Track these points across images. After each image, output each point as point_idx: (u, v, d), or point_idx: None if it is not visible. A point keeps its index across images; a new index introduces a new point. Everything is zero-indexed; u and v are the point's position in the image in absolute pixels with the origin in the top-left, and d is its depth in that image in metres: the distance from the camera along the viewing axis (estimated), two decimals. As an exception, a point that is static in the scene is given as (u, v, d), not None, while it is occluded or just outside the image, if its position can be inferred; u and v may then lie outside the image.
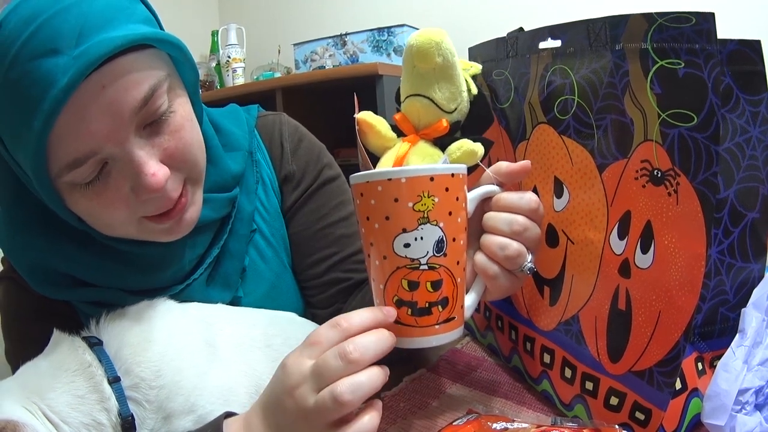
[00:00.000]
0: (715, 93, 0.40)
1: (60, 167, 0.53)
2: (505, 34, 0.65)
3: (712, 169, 0.40)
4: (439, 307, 0.49)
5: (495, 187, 0.55)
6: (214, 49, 2.58)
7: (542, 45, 0.58)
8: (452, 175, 0.49)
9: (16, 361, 0.58)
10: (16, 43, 0.50)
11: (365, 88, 1.68)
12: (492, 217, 0.54)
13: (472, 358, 0.72)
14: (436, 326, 0.50)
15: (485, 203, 0.55)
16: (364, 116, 0.59)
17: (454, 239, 0.49)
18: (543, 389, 0.59)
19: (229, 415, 0.53)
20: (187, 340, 0.63)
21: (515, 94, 0.62)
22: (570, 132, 0.53)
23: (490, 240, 0.53)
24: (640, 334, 0.46)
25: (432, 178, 0.48)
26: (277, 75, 2.22)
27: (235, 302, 0.72)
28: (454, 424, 0.50)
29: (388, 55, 1.89)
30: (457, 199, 0.50)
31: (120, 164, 0.55)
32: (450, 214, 0.49)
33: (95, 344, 0.58)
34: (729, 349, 0.43)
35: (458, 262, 0.50)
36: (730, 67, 0.42)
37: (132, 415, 0.56)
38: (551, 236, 0.56)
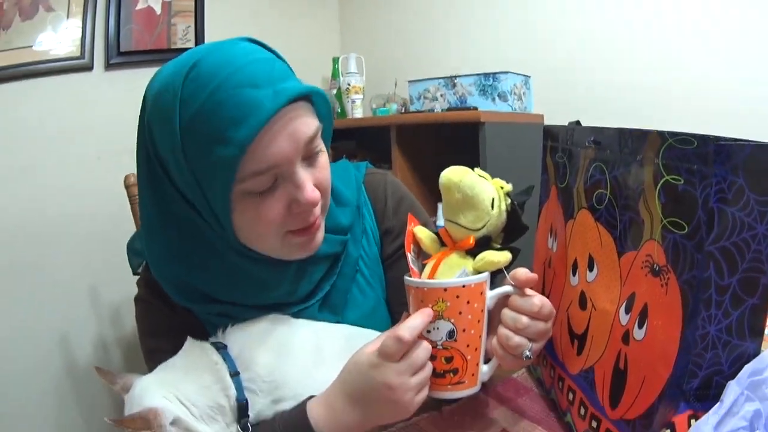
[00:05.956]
0: (704, 210, 0.46)
1: (246, 173, 0.67)
2: (570, 120, 0.77)
3: (693, 271, 0.48)
4: (451, 374, 0.68)
5: (509, 288, 0.68)
6: (335, 74, 2.67)
7: (588, 142, 0.68)
8: (463, 286, 0.66)
9: (153, 366, 0.73)
10: (218, 76, 0.65)
11: (469, 132, 1.79)
12: (504, 313, 0.68)
13: (521, 386, 0.85)
14: (448, 386, 0.68)
15: (507, 299, 0.68)
16: (416, 231, 0.75)
17: (464, 330, 0.66)
18: (567, 421, 0.70)
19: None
20: (295, 345, 0.77)
21: (569, 178, 0.74)
22: (602, 220, 0.64)
23: (500, 331, 0.67)
24: (631, 390, 0.56)
25: (445, 289, 0.66)
26: (394, 107, 2.37)
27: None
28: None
29: (493, 100, 1.94)
30: (468, 302, 0.66)
31: (286, 182, 0.71)
32: (460, 313, 0.66)
33: (221, 348, 0.73)
34: (706, 414, 0.49)
35: (468, 345, 0.67)
36: (744, 169, 0.45)
37: (246, 400, 0.70)
38: (582, 301, 0.68)
